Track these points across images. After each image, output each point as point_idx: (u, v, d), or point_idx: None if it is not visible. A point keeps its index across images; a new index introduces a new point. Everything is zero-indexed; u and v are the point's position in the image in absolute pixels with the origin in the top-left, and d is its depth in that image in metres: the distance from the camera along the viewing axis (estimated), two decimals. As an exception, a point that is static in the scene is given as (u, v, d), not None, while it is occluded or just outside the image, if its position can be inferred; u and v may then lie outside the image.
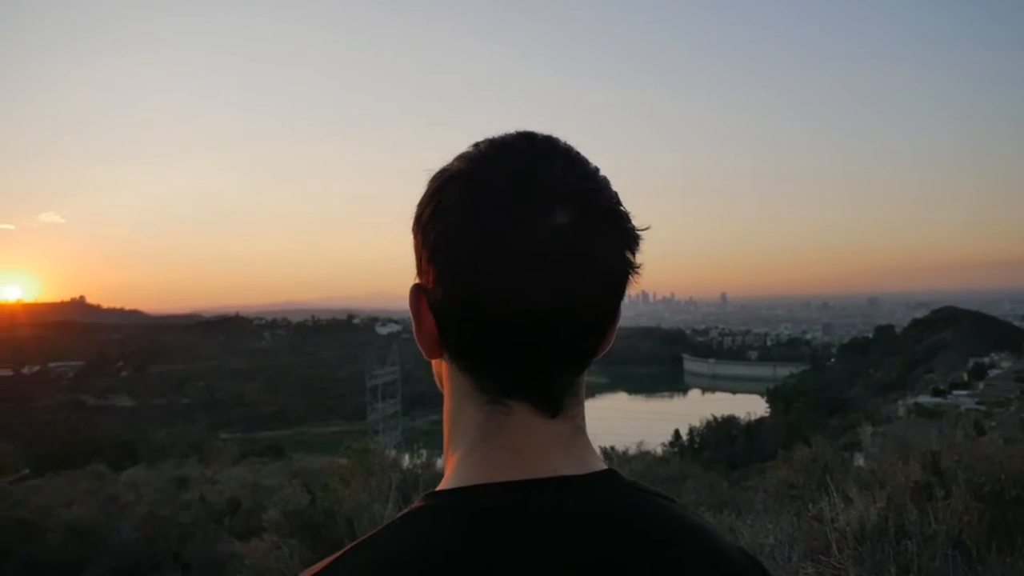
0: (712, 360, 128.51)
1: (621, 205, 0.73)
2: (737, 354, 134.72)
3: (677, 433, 50.32)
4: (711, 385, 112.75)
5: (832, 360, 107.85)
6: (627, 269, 0.73)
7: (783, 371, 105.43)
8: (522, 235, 0.67)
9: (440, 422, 0.80)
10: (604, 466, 0.74)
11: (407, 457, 12.44)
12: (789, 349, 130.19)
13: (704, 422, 53.98)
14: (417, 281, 0.74)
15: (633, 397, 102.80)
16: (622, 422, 45.80)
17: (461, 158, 0.73)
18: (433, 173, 0.74)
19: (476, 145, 0.74)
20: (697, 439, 51.01)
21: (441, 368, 0.78)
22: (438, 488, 0.72)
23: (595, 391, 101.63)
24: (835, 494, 3.96)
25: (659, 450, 16.56)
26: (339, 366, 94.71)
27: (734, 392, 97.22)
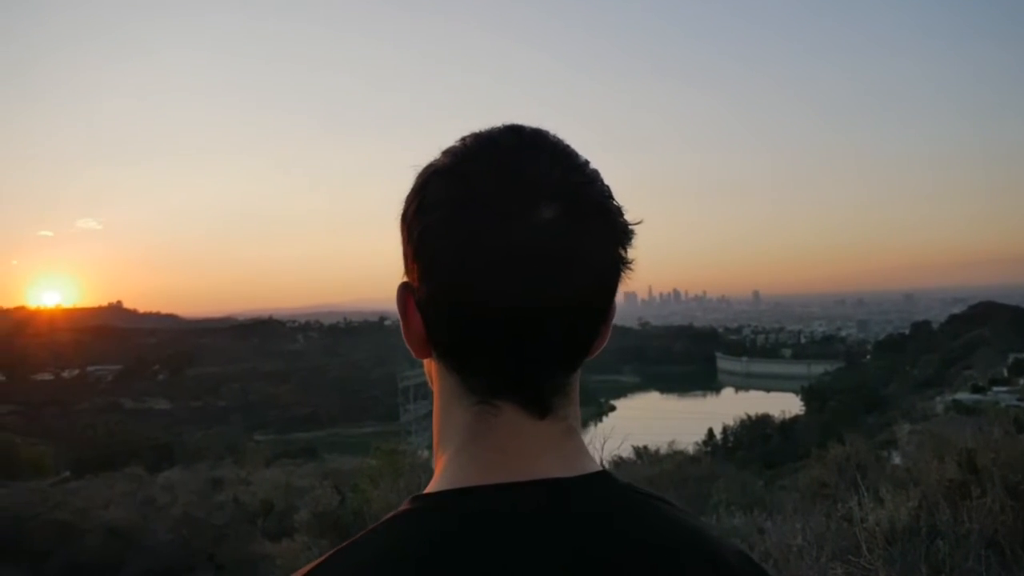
0: (745, 358, 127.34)
1: (612, 199, 0.71)
2: (771, 352, 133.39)
3: (711, 432, 49.93)
4: (744, 384, 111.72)
5: (868, 357, 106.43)
6: (618, 265, 0.71)
7: (818, 369, 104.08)
8: (507, 231, 0.65)
9: None
10: (597, 468, 0.72)
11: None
12: (823, 346, 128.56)
13: (738, 421, 53.48)
14: (404, 279, 0.72)
15: (666, 396, 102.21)
16: (655, 422, 45.55)
17: (446, 153, 0.71)
18: (420, 169, 0.72)
19: (463, 139, 0.72)
20: (731, 438, 50.54)
21: (431, 368, 0.76)
22: (426, 490, 0.70)
23: (628, 391, 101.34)
24: (865, 493, 3.91)
25: (691, 449, 16.43)
26: (371, 368, 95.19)
27: (768, 391, 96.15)
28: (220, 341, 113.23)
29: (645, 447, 13.98)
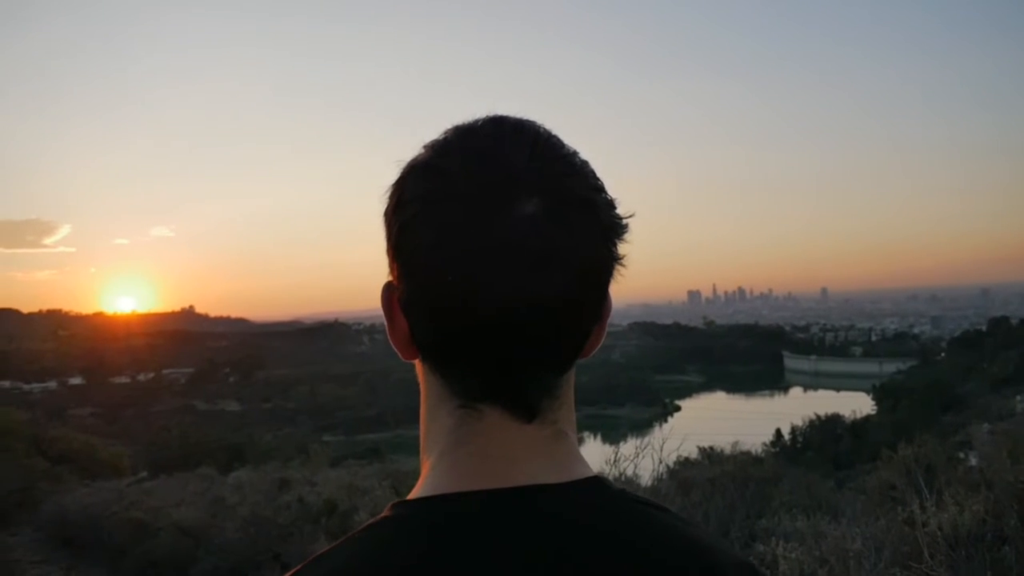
0: (814, 357, 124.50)
1: (601, 192, 0.68)
2: (840, 350, 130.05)
3: (778, 432, 48.99)
4: (813, 383, 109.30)
5: (943, 355, 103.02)
6: (605, 261, 0.67)
7: (890, 367, 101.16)
8: (483, 228, 0.62)
9: None
10: (590, 473, 0.69)
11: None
12: (895, 344, 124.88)
13: (807, 421, 52.32)
14: (389, 278, 0.70)
15: (732, 396, 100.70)
16: (721, 422, 44.92)
17: (427, 146, 0.69)
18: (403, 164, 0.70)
19: (445, 132, 0.69)
20: (800, 438, 49.46)
21: (419, 370, 0.73)
22: (408, 496, 0.68)
23: (693, 391, 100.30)
24: (928, 496, 3.78)
25: (758, 450, 16.13)
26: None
27: (838, 390, 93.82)
28: (288, 344, 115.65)
29: (711, 447, 13.80)
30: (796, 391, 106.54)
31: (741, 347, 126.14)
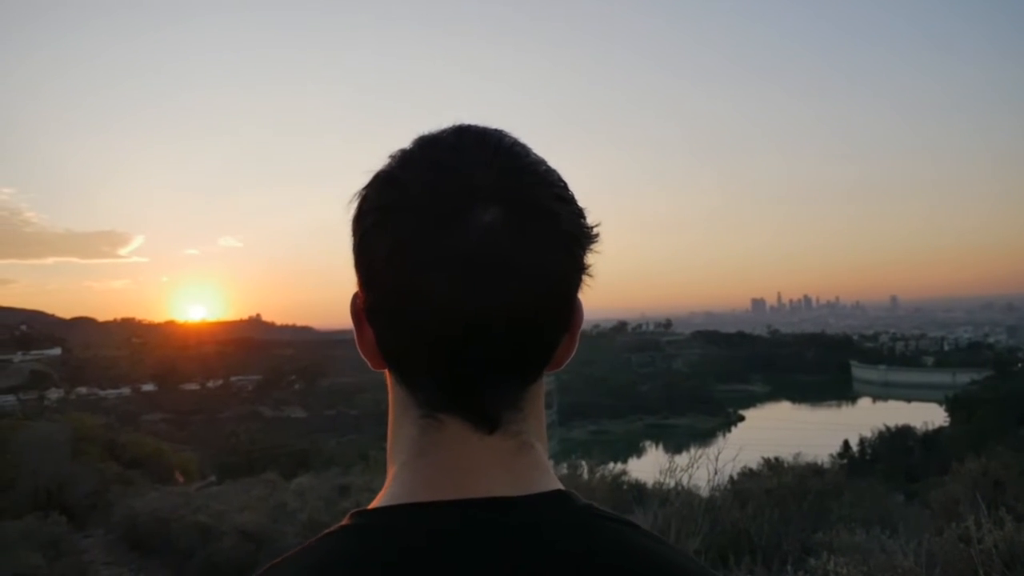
0: (883, 366, 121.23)
1: (565, 201, 0.66)
2: (911, 360, 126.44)
3: (846, 444, 47.89)
4: (882, 393, 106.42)
5: (1019, 365, 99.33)
6: (567, 271, 0.66)
7: (963, 378, 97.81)
8: (437, 238, 0.61)
9: (599, 432, 0.72)
10: (554, 486, 0.68)
11: (564, 467, 12.45)
12: (969, 354, 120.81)
13: (876, 432, 50.97)
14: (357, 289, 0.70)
15: (797, 406, 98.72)
16: (786, 432, 44.10)
17: (391, 156, 0.68)
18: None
19: (411, 142, 0.69)
20: (869, 450, 48.24)
21: (388, 379, 0.74)
22: (370, 506, 0.68)
23: (757, 400, 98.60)
24: (985, 511, 3.66)
25: (824, 461, 15.77)
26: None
27: (908, 400, 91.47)
28: (351, 352, 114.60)
29: (776, 458, 13.56)
30: (865, 401, 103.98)
31: (807, 356, 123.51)
